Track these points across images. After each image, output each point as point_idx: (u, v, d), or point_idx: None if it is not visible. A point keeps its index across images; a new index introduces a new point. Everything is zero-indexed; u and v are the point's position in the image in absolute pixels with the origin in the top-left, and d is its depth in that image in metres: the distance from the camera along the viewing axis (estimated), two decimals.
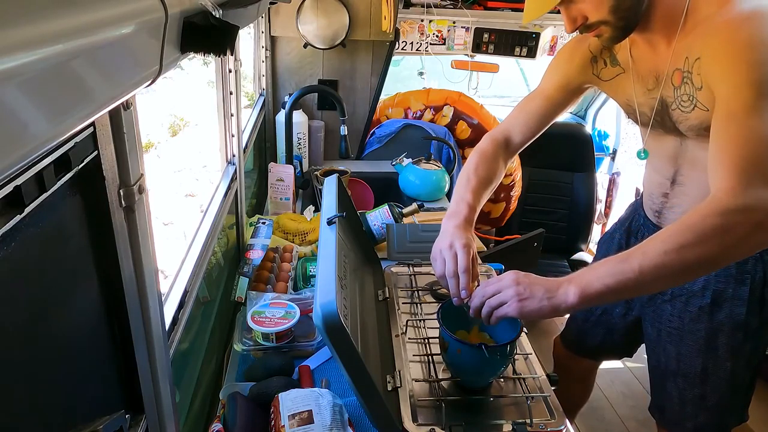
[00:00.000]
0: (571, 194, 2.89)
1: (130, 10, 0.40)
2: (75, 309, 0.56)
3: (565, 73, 1.25)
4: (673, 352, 1.27)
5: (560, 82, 1.25)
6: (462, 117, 2.49)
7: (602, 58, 1.20)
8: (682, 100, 1.03)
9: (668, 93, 1.07)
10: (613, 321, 1.46)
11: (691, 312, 1.22)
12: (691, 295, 1.21)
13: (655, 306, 1.30)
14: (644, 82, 1.12)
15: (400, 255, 1.52)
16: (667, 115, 1.09)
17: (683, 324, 1.23)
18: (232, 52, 0.54)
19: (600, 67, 1.21)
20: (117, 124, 0.57)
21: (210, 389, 1.24)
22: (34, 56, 0.28)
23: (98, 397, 0.63)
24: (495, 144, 1.27)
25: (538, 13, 1.00)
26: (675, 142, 1.13)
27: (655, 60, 1.08)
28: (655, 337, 1.31)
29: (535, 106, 1.28)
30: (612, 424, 2.20)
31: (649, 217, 1.30)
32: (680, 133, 1.10)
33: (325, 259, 0.95)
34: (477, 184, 1.18)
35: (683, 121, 1.06)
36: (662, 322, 1.28)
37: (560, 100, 1.26)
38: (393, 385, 1.02)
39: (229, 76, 1.42)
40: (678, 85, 1.03)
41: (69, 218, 0.53)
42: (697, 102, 1.00)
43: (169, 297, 0.95)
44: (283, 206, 1.89)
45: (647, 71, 1.11)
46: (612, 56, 1.18)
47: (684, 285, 1.20)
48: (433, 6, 2.37)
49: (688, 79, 1.00)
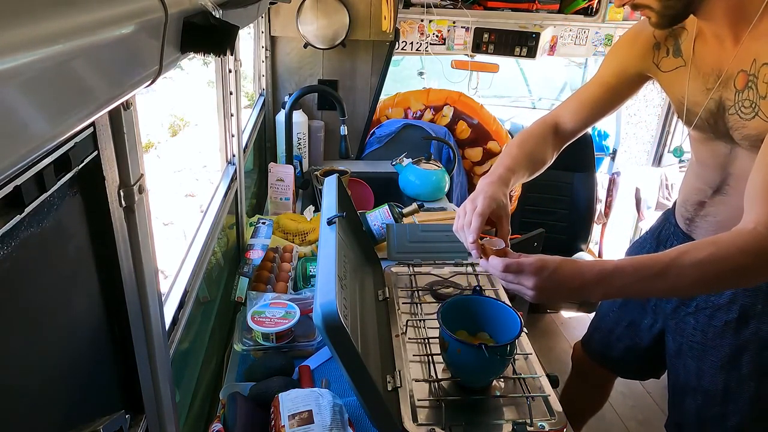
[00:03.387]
0: (571, 194, 2.89)
1: (130, 10, 0.40)
2: (75, 309, 0.56)
3: (625, 57, 1.17)
4: (694, 367, 1.21)
5: (618, 67, 1.17)
6: (462, 117, 2.49)
7: (666, 46, 1.11)
8: (743, 106, 0.96)
9: (728, 95, 0.99)
10: (641, 333, 1.39)
11: (715, 327, 1.16)
12: (717, 309, 1.15)
13: (678, 318, 1.25)
14: (704, 80, 1.04)
15: (400, 255, 1.52)
16: (721, 119, 1.02)
17: (706, 339, 1.18)
18: (232, 52, 0.54)
19: (661, 56, 1.12)
20: (117, 124, 0.57)
21: (210, 389, 1.24)
22: (34, 56, 0.28)
23: (98, 397, 0.63)
24: (543, 125, 1.21)
25: None
26: (724, 149, 1.06)
27: (720, 56, 1.00)
28: (676, 350, 1.26)
29: (589, 93, 1.20)
30: (612, 424, 2.20)
31: (679, 225, 1.25)
32: (731, 141, 1.02)
33: (325, 259, 0.95)
34: (519, 154, 1.12)
35: (739, 129, 0.98)
36: (684, 335, 1.23)
37: (617, 88, 1.17)
38: (393, 385, 1.02)
39: (229, 76, 1.42)
40: (741, 89, 0.96)
41: (69, 218, 0.53)
42: (759, 111, 0.93)
43: (169, 297, 0.95)
44: (283, 206, 1.89)
45: (709, 68, 1.02)
46: (676, 45, 1.08)
47: (710, 297, 1.15)
48: (433, 6, 2.37)
49: (753, 84, 0.93)
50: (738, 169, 1.04)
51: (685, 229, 1.23)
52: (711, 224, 1.15)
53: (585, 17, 2.54)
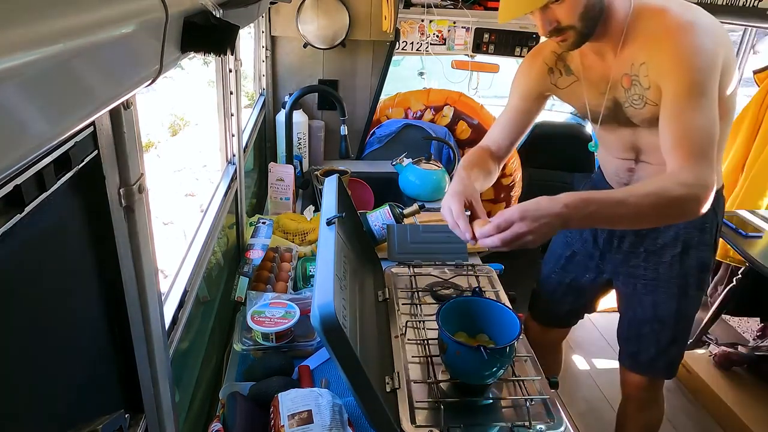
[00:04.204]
0: None
1: (131, 10, 0.40)
2: (75, 308, 0.56)
3: (526, 84, 1.40)
4: (650, 300, 1.43)
5: (523, 93, 1.40)
6: (462, 117, 2.49)
7: (557, 69, 1.35)
8: (633, 100, 1.21)
9: (620, 94, 1.24)
10: (583, 287, 1.60)
11: (665, 262, 1.39)
12: (664, 247, 1.39)
13: (629, 266, 1.46)
14: (597, 87, 1.29)
15: (400, 256, 1.52)
16: (620, 112, 1.27)
17: (658, 274, 1.41)
18: (232, 51, 0.54)
19: (557, 77, 1.36)
20: (117, 124, 0.57)
21: (210, 389, 1.24)
22: (35, 56, 0.28)
23: (98, 397, 0.63)
24: (480, 149, 1.38)
25: (517, 13, 1.13)
26: (628, 131, 1.30)
27: (604, 67, 1.25)
28: (630, 292, 1.47)
29: (506, 118, 1.42)
30: (611, 423, 2.19)
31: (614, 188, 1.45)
32: (633, 124, 1.27)
33: (323, 259, 0.95)
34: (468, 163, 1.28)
35: (637, 116, 1.23)
36: (637, 277, 1.44)
37: (527, 109, 1.40)
38: (392, 387, 1.02)
39: (229, 75, 1.42)
40: (627, 87, 1.21)
41: (69, 217, 0.53)
42: (647, 99, 1.18)
43: (169, 297, 0.94)
44: (283, 206, 1.89)
45: (598, 77, 1.27)
46: (566, 67, 1.34)
47: (657, 240, 1.39)
48: (433, 6, 2.37)
49: (636, 81, 1.18)
50: (645, 143, 1.29)
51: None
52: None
53: None
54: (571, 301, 1.64)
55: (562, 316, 1.70)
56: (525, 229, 0.95)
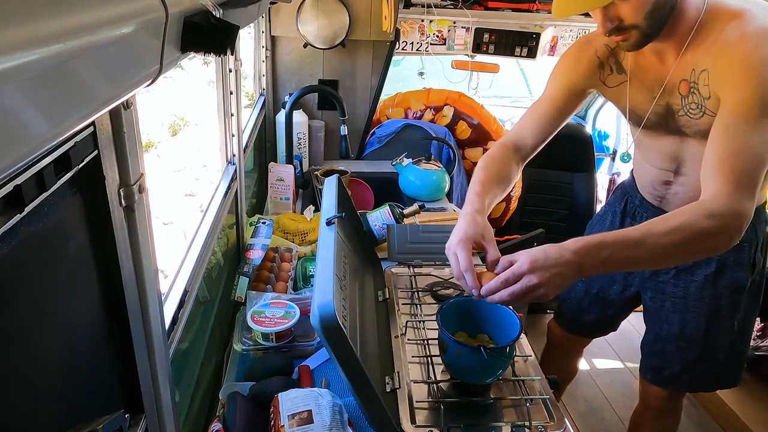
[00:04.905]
0: (571, 195, 2.89)
1: (131, 10, 0.40)
2: (75, 308, 0.56)
3: (572, 76, 1.27)
4: (678, 319, 1.37)
5: (567, 85, 1.27)
6: (462, 117, 2.49)
7: (609, 65, 1.23)
8: (690, 108, 1.11)
9: (675, 101, 1.14)
10: (610, 299, 1.54)
11: (696, 281, 1.32)
12: (696, 265, 1.32)
13: (657, 282, 1.40)
14: (649, 90, 1.18)
15: (400, 256, 1.52)
16: (672, 120, 1.17)
17: (688, 293, 1.34)
18: (232, 51, 0.54)
19: (606, 74, 1.24)
20: (117, 124, 0.57)
21: (210, 389, 1.24)
22: (34, 56, 0.28)
23: (98, 397, 0.63)
24: (504, 148, 1.27)
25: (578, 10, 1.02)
26: (675, 140, 1.21)
27: (660, 70, 1.14)
28: (658, 307, 1.41)
29: (542, 111, 1.29)
30: (612, 424, 2.20)
31: (649, 201, 1.38)
32: (682, 134, 1.17)
33: (323, 259, 0.95)
34: (485, 178, 1.17)
35: (691, 126, 1.13)
36: (666, 294, 1.38)
37: (567, 104, 1.28)
38: (392, 387, 1.02)
39: (229, 75, 1.42)
40: (685, 95, 1.11)
41: (69, 218, 0.53)
42: (707, 110, 1.08)
43: (169, 297, 0.94)
44: (283, 206, 1.89)
45: (652, 80, 1.17)
46: (618, 64, 1.22)
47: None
48: (433, 6, 2.37)
49: (695, 89, 1.08)
50: (690, 155, 1.20)
51: (657, 205, 1.36)
52: (681, 199, 1.28)
53: (585, 18, 2.53)
54: (597, 312, 1.59)
55: (586, 325, 1.66)
56: (536, 281, 0.88)
